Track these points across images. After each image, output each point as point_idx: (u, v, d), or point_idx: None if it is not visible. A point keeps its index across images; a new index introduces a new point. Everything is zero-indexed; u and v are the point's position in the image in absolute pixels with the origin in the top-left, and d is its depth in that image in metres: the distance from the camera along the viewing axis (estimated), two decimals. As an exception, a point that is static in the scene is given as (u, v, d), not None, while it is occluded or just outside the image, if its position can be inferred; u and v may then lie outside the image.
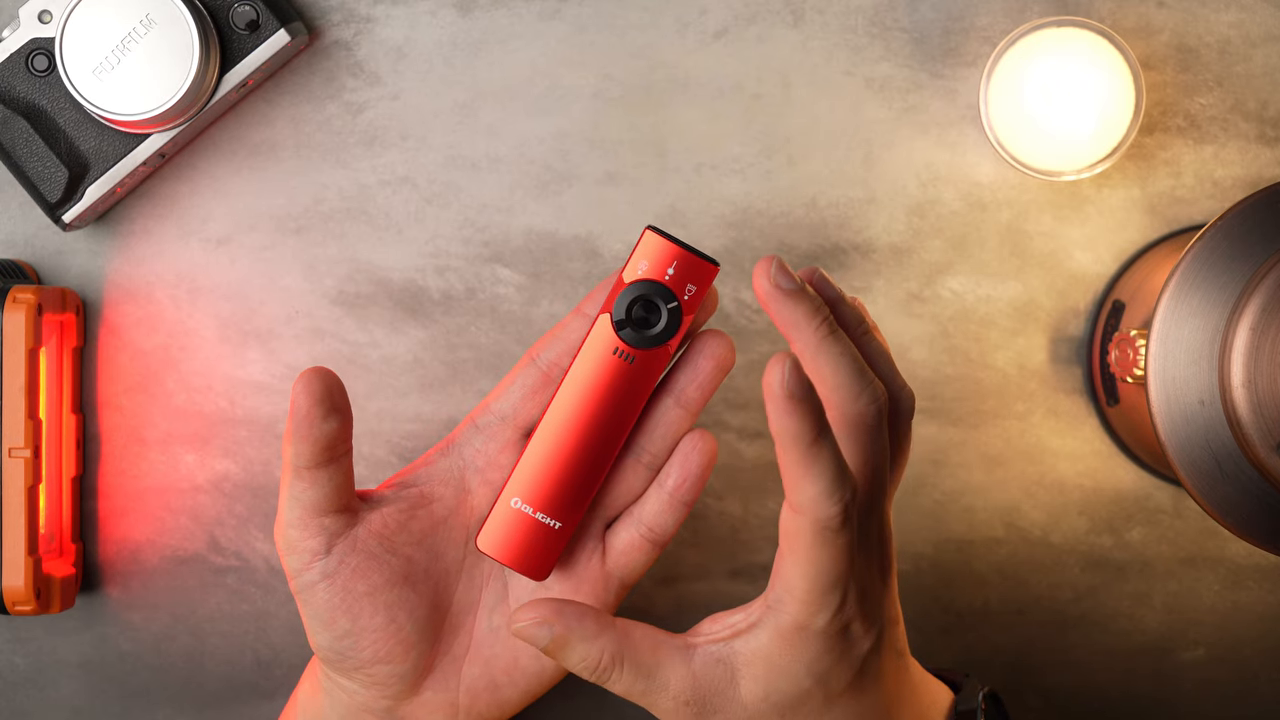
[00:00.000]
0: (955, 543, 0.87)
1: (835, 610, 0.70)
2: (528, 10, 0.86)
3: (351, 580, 0.73)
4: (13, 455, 0.81)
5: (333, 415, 0.72)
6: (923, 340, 0.86)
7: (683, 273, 0.73)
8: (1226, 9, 0.86)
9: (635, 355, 0.73)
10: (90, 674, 0.87)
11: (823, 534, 0.68)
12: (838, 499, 0.68)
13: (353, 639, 0.74)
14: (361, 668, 0.74)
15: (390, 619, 0.74)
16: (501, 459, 0.75)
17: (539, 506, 0.74)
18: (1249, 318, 0.73)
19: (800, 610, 0.70)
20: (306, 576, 0.73)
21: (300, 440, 0.73)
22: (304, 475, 0.73)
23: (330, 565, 0.73)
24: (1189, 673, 0.87)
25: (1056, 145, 0.83)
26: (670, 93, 0.86)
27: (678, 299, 0.73)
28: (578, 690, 0.87)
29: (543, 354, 0.75)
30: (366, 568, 0.73)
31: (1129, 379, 0.77)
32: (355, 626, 0.73)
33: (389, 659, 0.74)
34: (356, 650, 0.74)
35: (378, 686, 0.75)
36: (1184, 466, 0.75)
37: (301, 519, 0.73)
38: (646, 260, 0.73)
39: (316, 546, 0.73)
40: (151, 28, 0.80)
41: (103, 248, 0.86)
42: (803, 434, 0.67)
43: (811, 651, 0.70)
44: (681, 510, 0.75)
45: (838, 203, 0.86)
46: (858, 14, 0.86)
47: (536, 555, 0.74)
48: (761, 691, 0.71)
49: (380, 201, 0.86)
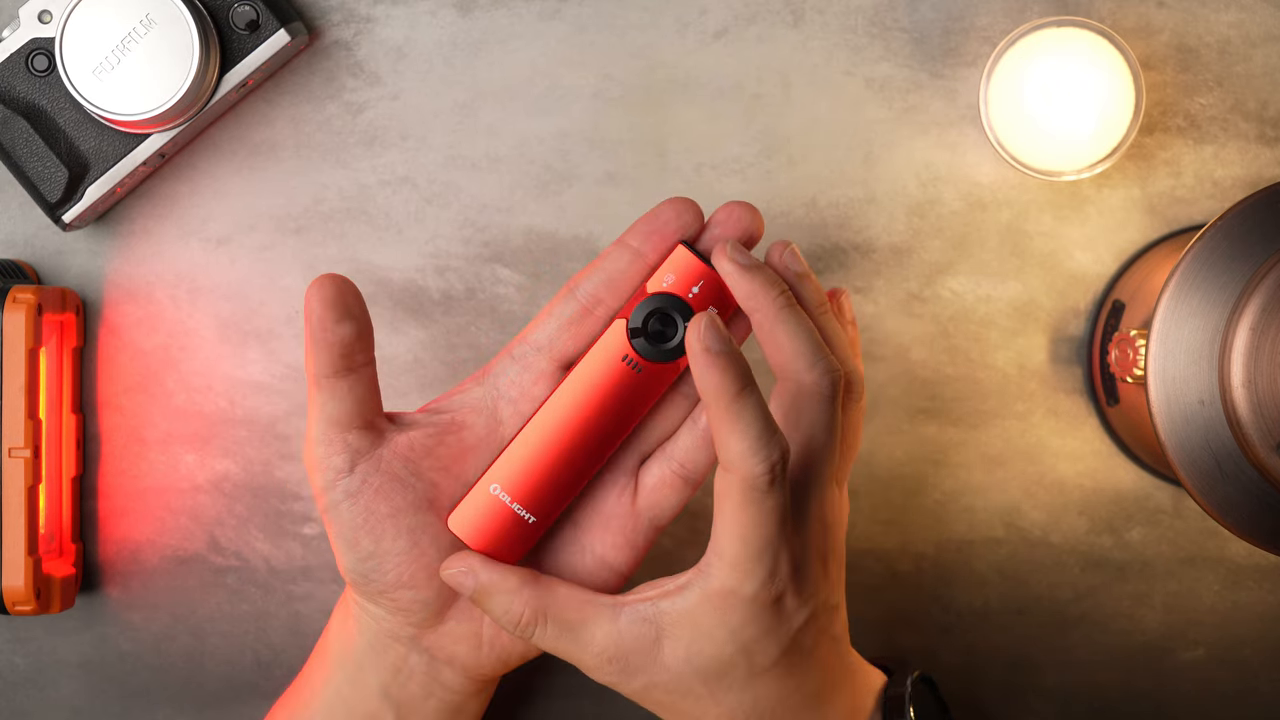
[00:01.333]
0: (955, 543, 0.87)
1: (765, 578, 0.70)
2: (528, 10, 0.86)
3: (374, 500, 0.73)
4: (13, 455, 0.81)
5: (346, 320, 0.72)
6: (923, 340, 0.86)
7: (707, 294, 0.73)
8: (1226, 9, 0.86)
9: (645, 366, 0.73)
10: (90, 674, 0.87)
11: (750, 494, 0.69)
12: (764, 457, 0.68)
13: (376, 561, 0.74)
14: (385, 591, 0.74)
15: (413, 543, 0.74)
16: (535, 390, 0.75)
17: (517, 497, 0.74)
18: (1249, 318, 0.73)
19: (728, 574, 0.70)
20: (332, 495, 0.73)
21: (316, 347, 0.72)
22: (324, 385, 0.73)
23: (353, 484, 0.73)
24: (1189, 673, 0.87)
25: (1056, 145, 0.83)
26: (670, 93, 0.86)
27: (689, 305, 0.73)
28: (579, 690, 0.87)
29: (582, 285, 0.74)
30: (390, 489, 0.73)
31: (1129, 379, 0.77)
32: (378, 549, 0.73)
33: (412, 584, 0.74)
34: (380, 573, 0.74)
35: (402, 613, 0.75)
36: (1184, 466, 0.75)
37: (326, 434, 0.73)
38: (673, 274, 0.73)
39: (340, 464, 0.73)
40: (151, 28, 0.80)
41: (103, 248, 0.86)
42: (725, 388, 0.68)
43: (737, 618, 0.70)
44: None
45: (838, 203, 0.86)
46: (858, 14, 0.86)
47: (505, 545, 0.74)
48: (684, 654, 0.71)
49: (380, 201, 0.86)
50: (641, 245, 0.74)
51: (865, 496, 0.86)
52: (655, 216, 0.74)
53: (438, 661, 0.76)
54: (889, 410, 0.87)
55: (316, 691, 0.78)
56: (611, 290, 0.74)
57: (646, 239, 0.74)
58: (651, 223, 0.74)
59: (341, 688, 0.77)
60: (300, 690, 0.79)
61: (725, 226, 0.74)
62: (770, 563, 0.70)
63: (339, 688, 0.77)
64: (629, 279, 0.74)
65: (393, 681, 0.76)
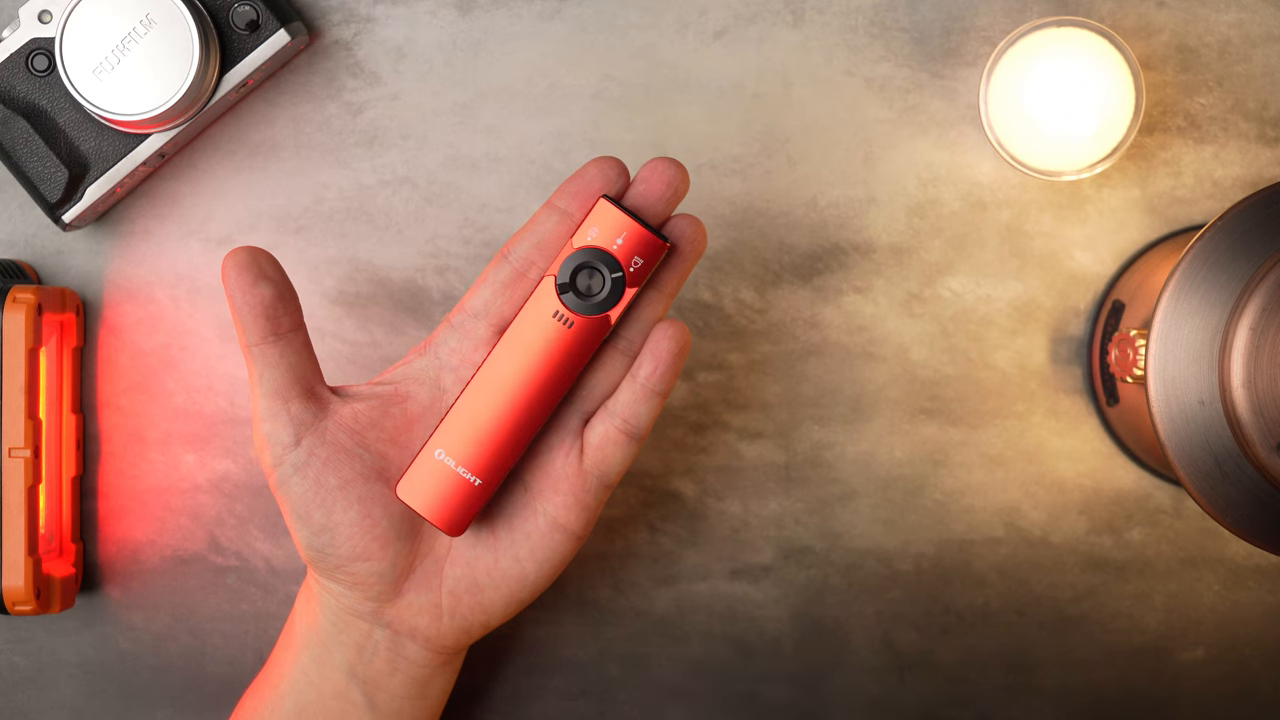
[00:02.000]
0: (955, 543, 0.87)
1: None
2: (528, 10, 0.86)
3: (323, 473, 0.74)
4: (13, 455, 0.81)
5: (262, 281, 0.74)
6: (923, 340, 0.86)
7: (632, 245, 0.74)
8: (1226, 9, 0.86)
9: (575, 320, 0.74)
10: (90, 674, 0.87)
11: None
12: None
13: (329, 534, 0.74)
14: (341, 566, 0.75)
15: (365, 514, 0.75)
16: (475, 356, 0.76)
17: (461, 461, 0.74)
18: (1249, 318, 0.73)
19: None
20: (281, 471, 0.74)
21: (240, 314, 0.74)
22: (256, 354, 0.74)
23: (300, 457, 0.74)
24: (1189, 673, 0.87)
25: (1056, 145, 0.83)
26: (670, 93, 0.86)
27: (623, 269, 0.73)
28: (579, 691, 0.87)
29: (515, 249, 0.75)
30: (338, 461, 0.74)
31: (1129, 379, 0.77)
32: (330, 521, 0.74)
33: (366, 555, 0.75)
34: (334, 546, 0.75)
35: (360, 587, 0.75)
36: (1184, 466, 0.75)
37: (269, 408, 0.74)
38: (597, 228, 0.73)
39: (286, 438, 0.74)
40: (151, 28, 0.80)
41: (103, 248, 0.86)
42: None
43: None
44: (655, 401, 0.75)
45: (838, 203, 0.86)
46: (858, 14, 0.86)
47: (454, 509, 0.75)
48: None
49: (380, 201, 0.86)
50: (568, 205, 0.75)
51: (865, 496, 0.87)
52: (581, 176, 0.75)
53: (400, 635, 0.77)
54: (889, 410, 0.87)
55: (284, 675, 0.78)
56: (543, 252, 0.75)
57: (573, 199, 0.75)
58: (577, 182, 0.75)
59: (308, 669, 0.78)
60: (269, 675, 0.79)
61: (650, 183, 0.75)
62: None
63: (305, 669, 0.78)
64: (559, 238, 0.75)
65: (358, 659, 0.77)
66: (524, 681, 0.87)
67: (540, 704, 0.87)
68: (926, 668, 0.87)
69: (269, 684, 0.79)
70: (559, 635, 0.87)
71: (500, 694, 0.87)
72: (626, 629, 0.87)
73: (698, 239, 0.75)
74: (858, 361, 0.87)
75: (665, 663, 0.87)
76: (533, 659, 0.87)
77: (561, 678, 0.87)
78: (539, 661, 0.87)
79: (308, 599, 0.78)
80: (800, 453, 0.87)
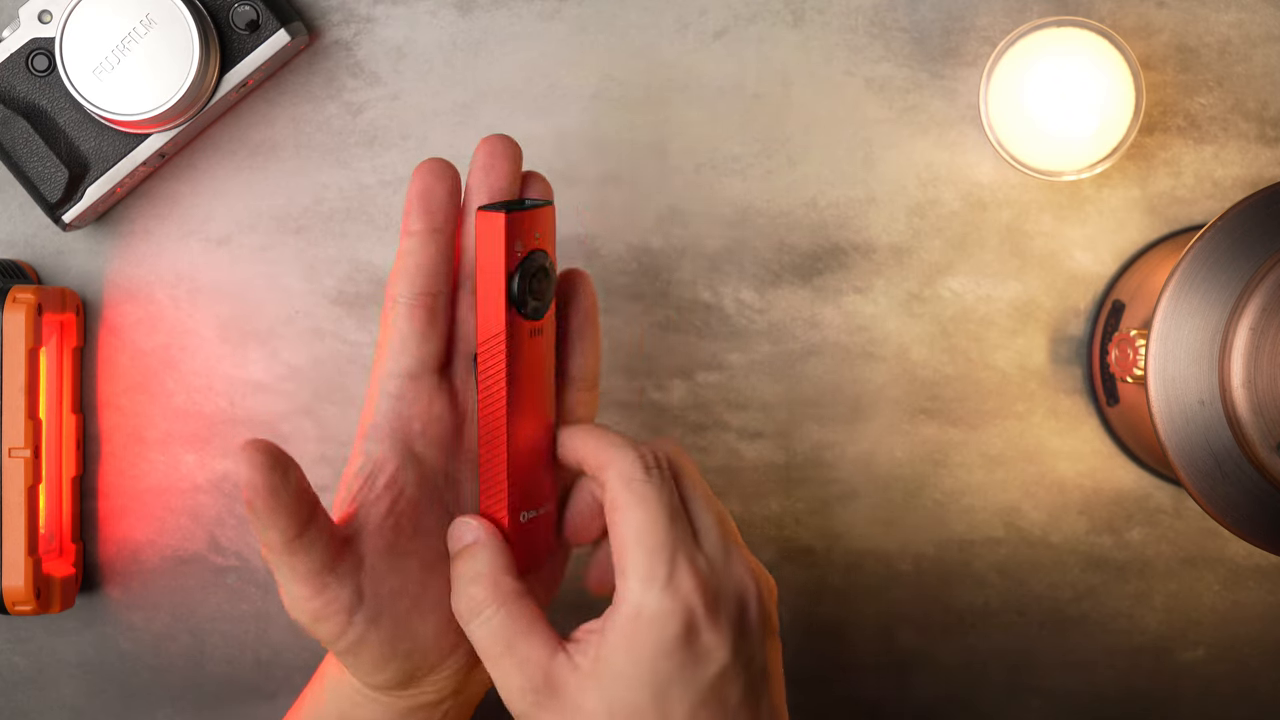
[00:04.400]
0: (955, 543, 0.87)
1: (665, 578, 0.66)
2: (528, 10, 0.86)
3: (393, 604, 0.70)
4: (13, 455, 0.81)
5: (290, 469, 0.68)
6: (923, 340, 0.86)
7: (540, 227, 0.71)
8: (1226, 9, 0.86)
9: (541, 326, 0.72)
10: (90, 674, 0.87)
11: (630, 484, 0.68)
12: (629, 446, 0.69)
13: (419, 656, 0.71)
14: (428, 675, 0.72)
15: (441, 616, 0.71)
16: (436, 410, 0.71)
17: (523, 506, 0.72)
18: (1249, 318, 0.73)
19: (630, 587, 0.67)
20: (350, 635, 0.70)
21: (274, 514, 0.67)
22: (294, 548, 0.68)
23: (370, 612, 0.70)
24: (1189, 673, 0.87)
25: (1056, 145, 0.83)
26: (670, 93, 0.86)
27: (551, 257, 0.72)
28: (578, 690, 0.87)
29: (403, 291, 0.71)
30: (398, 588, 0.70)
31: (1129, 379, 0.77)
32: (415, 646, 0.71)
33: (453, 650, 0.72)
34: (425, 661, 0.71)
35: (435, 690, 0.72)
36: (1184, 466, 0.75)
37: (313, 591, 0.69)
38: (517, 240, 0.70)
39: (347, 600, 0.69)
40: (151, 28, 0.80)
41: (103, 248, 0.86)
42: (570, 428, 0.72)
43: (648, 650, 0.66)
44: (591, 345, 0.73)
45: (838, 203, 0.86)
46: (858, 14, 0.86)
47: (544, 546, 0.74)
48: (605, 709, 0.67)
49: (380, 201, 0.86)
50: (426, 224, 0.71)
51: (865, 496, 0.86)
52: (419, 194, 0.71)
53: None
54: (889, 410, 0.87)
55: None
56: (434, 279, 0.71)
57: (427, 215, 0.71)
58: (421, 200, 0.71)
59: None
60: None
61: (490, 170, 0.71)
62: (668, 561, 0.67)
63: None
64: (437, 257, 0.71)
65: None
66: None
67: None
68: (926, 668, 0.87)
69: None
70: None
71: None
72: (626, 629, 0.87)
73: (546, 190, 0.73)
74: (858, 361, 0.87)
75: (665, 663, 0.87)
76: (533, 659, 0.87)
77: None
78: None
79: (318, 681, 0.75)
80: (800, 453, 0.87)
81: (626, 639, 0.67)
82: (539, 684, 0.68)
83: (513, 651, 0.68)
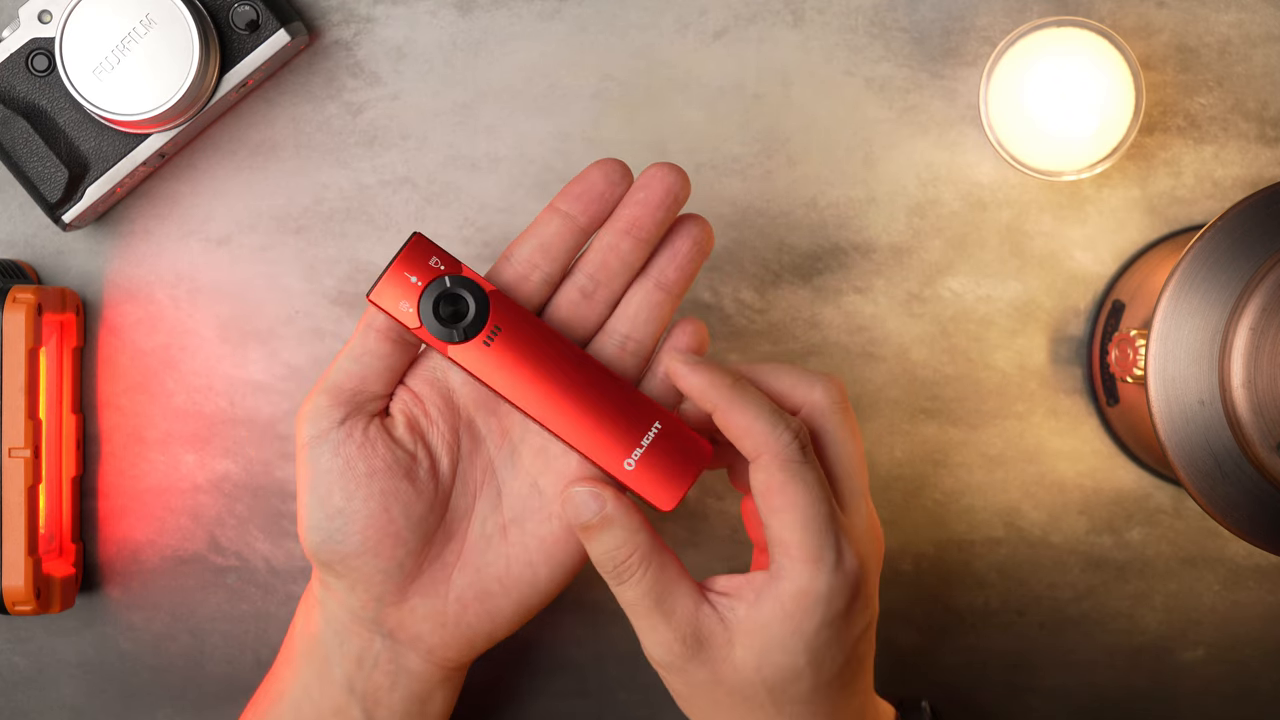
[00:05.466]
0: (955, 543, 0.87)
1: (834, 562, 0.70)
2: (528, 10, 0.86)
3: (355, 457, 0.74)
4: (13, 455, 0.81)
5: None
6: (923, 340, 0.86)
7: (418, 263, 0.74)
8: (1226, 9, 0.86)
9: (494, 337, 0.74)
10: (90, 674, 0.87)
11: (788, 467, 0.70)
12: (784, 427, 0.70)
13: (343, 519, 0.74)
14: (347, 558, 0.74)
15: (384, 507, 0.74)
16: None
17: (623, 455, 0.74)
18: (1249, 318, 0.73)
19: (799, 569, 0.70)
20: (316, 445, 0.74)
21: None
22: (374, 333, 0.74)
23: (340, 436, 0.74)
24: (1189, 673, 0.87)
25: (1056, 145, 0.83)
26: (670, 93, 0.86)
27: (479, 280, 0.74)
28: (579, 691, 0.87)
29: (517, 252, 0.75)
30: (370, 451, 0.74)
31: (1129, 379, 0.77)
32: (348, 506, 0.74)
33: (376, 551, 0.74)
34: (346, 533, 0.74)
35: (363, 585, 0.75)
36: (1184, 466, 0.75)
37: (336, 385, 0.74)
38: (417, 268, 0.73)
39: (335, 416, 0.74)
40: (151, 28, 0.80)
41: (103, 248, 0.86)
42: (718, 384, 0.71)
43: (812, 623, 0.70)
44: (674, 401, 0.75)
45: (838, 203, 0.86)
46: (858, 14, 0.86)
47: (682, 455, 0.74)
48: (755, 662, 0.71)
49: (380, 201, 0.86)
50: (571, 208, 0.75)
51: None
52: (584, 179, 0.75)
53: (401, 645, 0.76)
54: (889, 410, 0.87)
55: (283, 691, 0.78)
56: (546, 255, 0.75)
57: (576, 201, 0.75)
58: (581, 184, 0.75)
59: (309, 684, 0.77)
60: (269, 689, 0.79)
61: (650, 189, 0.74)
62: (835, 543, 0.70)
63: (306, 684, 0.77)
64: (563, 241, 0.75)
65: (357, 671, 0.76)
66: (524, 681, 0.87)
67: (540, 704, 0.87)
68: (926, 668, 0.87)
69: (269, 698, 0.78)
70: (559, 635, 0.87)
71: (500, 694, 0.87)
72: (626, 629, 0.87)
73: (703, 239, 0.75)
74: (858, 361, 0.87)
75: (665, 663, 0.87)
76: (533, 659, 0.87)
77: (561, 678, 0.87)
78: (539, 661, 0.87)
79: (309, 607, 0.78)
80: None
81: (787, 613, 0.71)
82: (686, 635, 0.72)
83: (661, 606, 0.72)
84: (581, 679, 0.87)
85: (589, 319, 0.76)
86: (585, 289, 0.75)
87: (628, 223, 0.75)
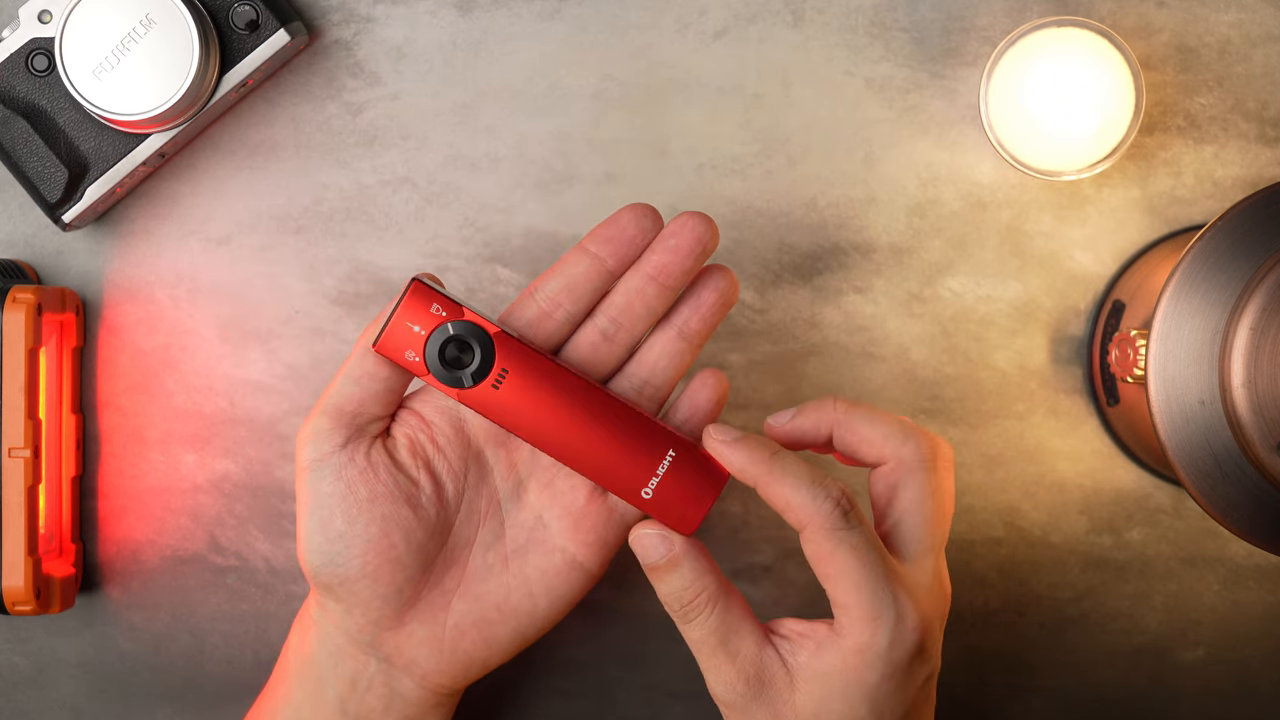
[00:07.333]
0: (955, 543, 0.87)
1: (894, 623, 0.71)
2: (528, 10, 0.86)
3: (356, 481, 0.74)
4: (13, 455, 0.81)
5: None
6: (923, 340, 0.86)
7: (419, 310, 0.74)
8: (1226, 9, 0.86)
9: (500, 379, 0.74)
10: (90, 674, 0.87)
11: (834, 535, 0.70)
12: (824, 496, 0.71)
13: (344, 543, 0.74)
14: (346, 582, 0.74)
15: (384, 532, 0.74)
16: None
17: (640, 485, 0.74)
18: (1249, 318, 0.73)
19: (861, 629, 0.71)
20: (316, 469, 0.74)
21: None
22: (372, 355, 0.74)
23: (341, 459, 0.74)
24: (1189, 673, 0.87)
25: (1056, 145, 0.83)
26: (670, 93, 0.86)
27: (482, 324, 0.74)
28: (579, 691, 0.87)
29: (543, 288, 0.75)
30: (372, 476, 0.74)
31: (1129, 379, 0.77)
32: (349, 530, 0.74)
33: (375, 575, 0.74)
34: (345, 558, 0.74)
35: (360, 608, 0.75)
36: (1184, 466, 0.75)
37: (338, 408, 0.74)
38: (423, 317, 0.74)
39: (337, 440, 0.74)
40: (151, 28, 0.80)
41: (103, 248, 0.86)
42: (757, 457, 0.72)
43: (875, 675, 0.71)
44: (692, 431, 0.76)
45: (838, 203, 0.86)
46: (858, 14, 0.86)
47: (698, 479, 0.75)
48: (815, 708, 0.72)
49: (380, 201, 0.86)
50: (600, 250, 0.75)
51: (865, 496, 0.86)
52: (615, 222, 0.75)
53: (396, 670, 0.76)
54: (889, 410, 0.86)
55: (276, 710, 0.78)
56: (570, 294, 0.75)
57: (606, 244, 0.75)
58: (611, 228, 0.75)
59: (300, 705, 0.77)
60: (261, 708, 0.78)
61: (679, 238, 0.75)
62: (892, 600, 0.71)
63: (298, 704, 0.77)
64: (589, 282, 0.75)
65: (350, 695, 0.76)
66: (524, 681, 0.87)
67: (540, 704, 0.87)
68: (926, 668, 0.87)
69: (261, 716, 0.78)
70: (559, 635, 0.87)
71: (500, 694, 0.87)
72: (626, 629, 0.87)
73: (729, 291, 0.76)
74: (858, 361, 0.87)
75: (665, 663, 0.87)
76: (533, 659, 0.87)
77: (561, 678, 0.87)
78: (539, 661, 0.87)
79: (304, 627, 0.77)
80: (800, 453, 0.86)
81: (849, 665, 0.71)
82: (750, 676, 0.72)
83: (726, 646, 0.72)
84: (581, 679, 0.87)
85: (607, 361, 0.76)
86: (606, 331, 0.75)
87: (655, 269, 0.75)
